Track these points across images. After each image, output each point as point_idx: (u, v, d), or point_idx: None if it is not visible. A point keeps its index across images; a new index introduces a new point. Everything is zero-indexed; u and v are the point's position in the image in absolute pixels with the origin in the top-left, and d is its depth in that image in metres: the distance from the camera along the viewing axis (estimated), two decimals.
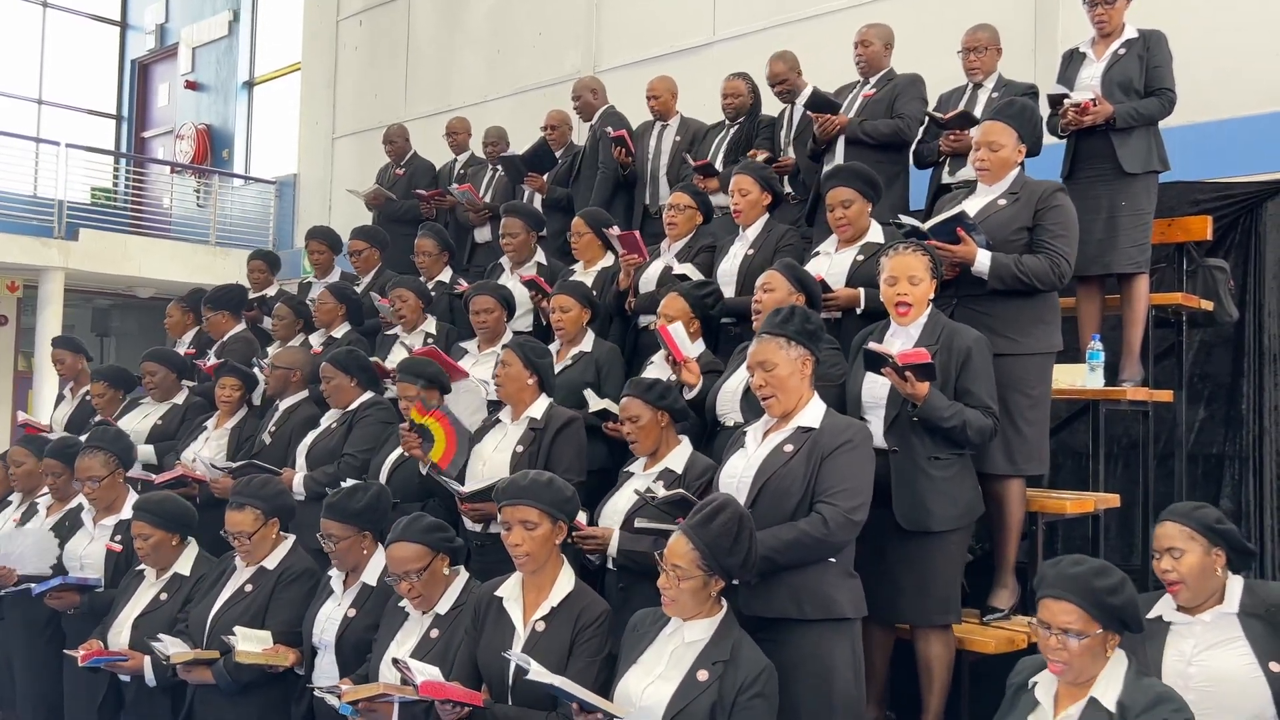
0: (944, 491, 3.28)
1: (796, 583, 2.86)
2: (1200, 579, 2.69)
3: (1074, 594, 2.40)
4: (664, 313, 4.12)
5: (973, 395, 3.27)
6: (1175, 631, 2.74)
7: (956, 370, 3.28)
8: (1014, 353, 3.61)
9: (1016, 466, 3.65)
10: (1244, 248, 5.18)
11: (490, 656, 2.89)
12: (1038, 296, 3.67)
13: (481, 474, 3.73)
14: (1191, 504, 2.83)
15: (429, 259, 5.85)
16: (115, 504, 4.31)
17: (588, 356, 4.42)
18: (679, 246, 4.84)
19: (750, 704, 2.57)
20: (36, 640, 4.30)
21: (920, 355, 3.14)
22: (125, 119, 15.51)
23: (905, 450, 3.27)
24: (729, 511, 2.66)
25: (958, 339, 3.32)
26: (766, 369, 3.00)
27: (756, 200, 4.53)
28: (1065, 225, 3.67)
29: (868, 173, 4.13)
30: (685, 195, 4.91)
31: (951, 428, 3.21)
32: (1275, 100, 5.43)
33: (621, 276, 4.88)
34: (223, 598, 3.59)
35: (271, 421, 4.79)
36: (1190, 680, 2.65)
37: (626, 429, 3.50)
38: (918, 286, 3.32)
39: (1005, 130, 3.75)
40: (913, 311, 3.34)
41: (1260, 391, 5.03)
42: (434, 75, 10.41)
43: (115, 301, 13.09)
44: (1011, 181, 3.78)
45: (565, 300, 4.48)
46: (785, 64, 5.49)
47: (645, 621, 2.80)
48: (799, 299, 3.63)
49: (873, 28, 5.18)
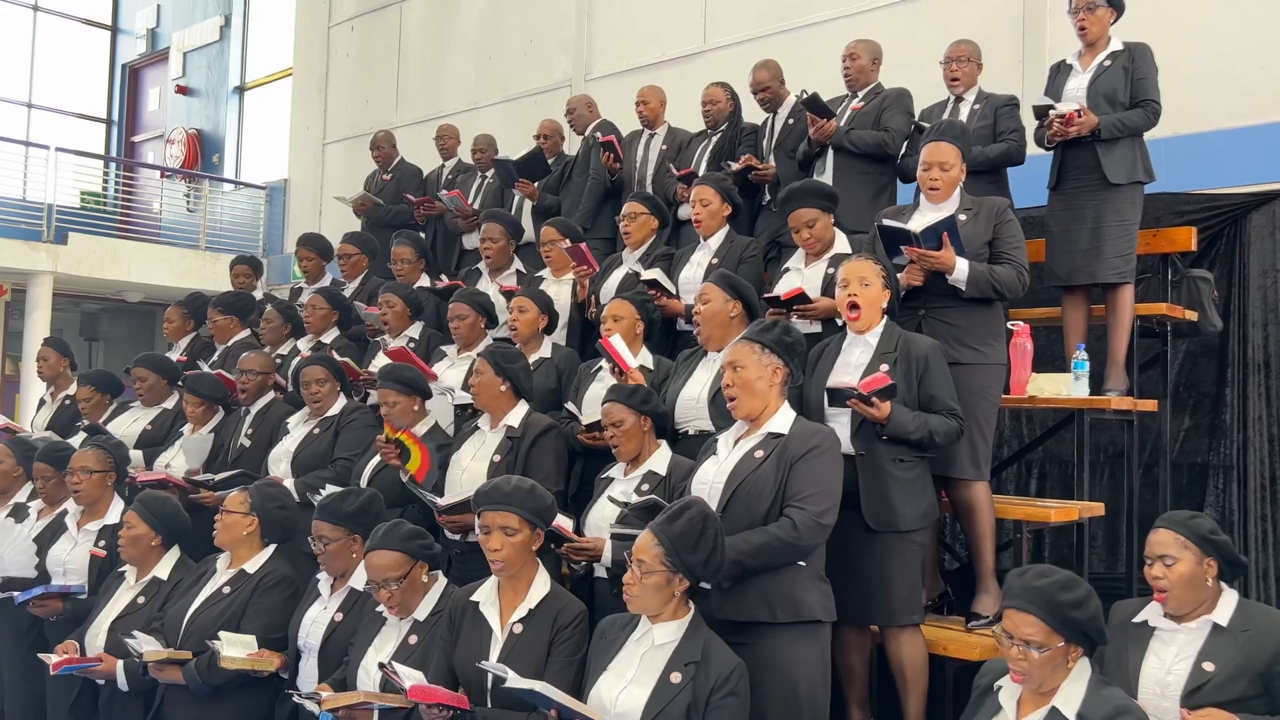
0: (908, 492, 3.37)
1: (767, 586, 2.90)
2: (1190, 588, 2.70)
3: (1037, 606, 2.42)
4: (612, 314, 4.20)
5: (936, 400, 3.37)
6: (1159, 638, 2.75)
7: (918, 377, 3.38)
8: (978, 362, 3.74)
9: (980, 470, 3.75)
10: (1228, 258, 5.22)
11: (467, 662, 2.88)
12: (993, 311, 3.81)
13: (460, 482, 3.74)
14: (1187, 513, 2.85)
15: (406, 266, 5.89)
16: (100, 508, 4.31)
17: (548, 362, 4.53)
18: (639, 254, 4.93)
19: (723, 703, 2.59)
20: (21, 646, 4.28)
21: (881, 380, 3.25)
22: (115, 123, 15.48)
23: (871, 454, 3.35)
24: (694, 510, 2.70)
25: (914, 347, 3.42)
26: (735, 369, 3.08)
27: (717, 210, 4.64)
28: (1019, 239, 3.82)
29: (821, 187, 4.27)
30: (636, 204, 5.01)
31: (919, 439, 3.31)
32: (1259, 112, 5.46)
33: (579, 288, 4.99)
34: (200, 598, 3.59)
35: (246, 424, 4.79)
36: (1167, 689, 2.66)
37: (609, 434, 3.53)
38: (868, 288, 3.44)
39: (952, 149, 3.86)
40: (863, 314, 3.44)
41: (1244, 401, 5.07)
42: (425, 81, 10.42)
43: (104, 306, 13.04)
44: (962, 198, 3.87)
45: (524, 302, 4.59)
46: (768, 73, 5.54)
47: (614, 627, 2.81)
48: (736, 305, 3.75)
49: (861, 43, 5.23)
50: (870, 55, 5.19)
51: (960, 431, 3.43)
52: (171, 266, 11.92)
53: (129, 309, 13.19)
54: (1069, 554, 4.64)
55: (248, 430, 4.76)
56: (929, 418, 3.33)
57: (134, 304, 12.93)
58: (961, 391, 3.54)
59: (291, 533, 3.71)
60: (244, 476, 4.33)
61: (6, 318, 12.85)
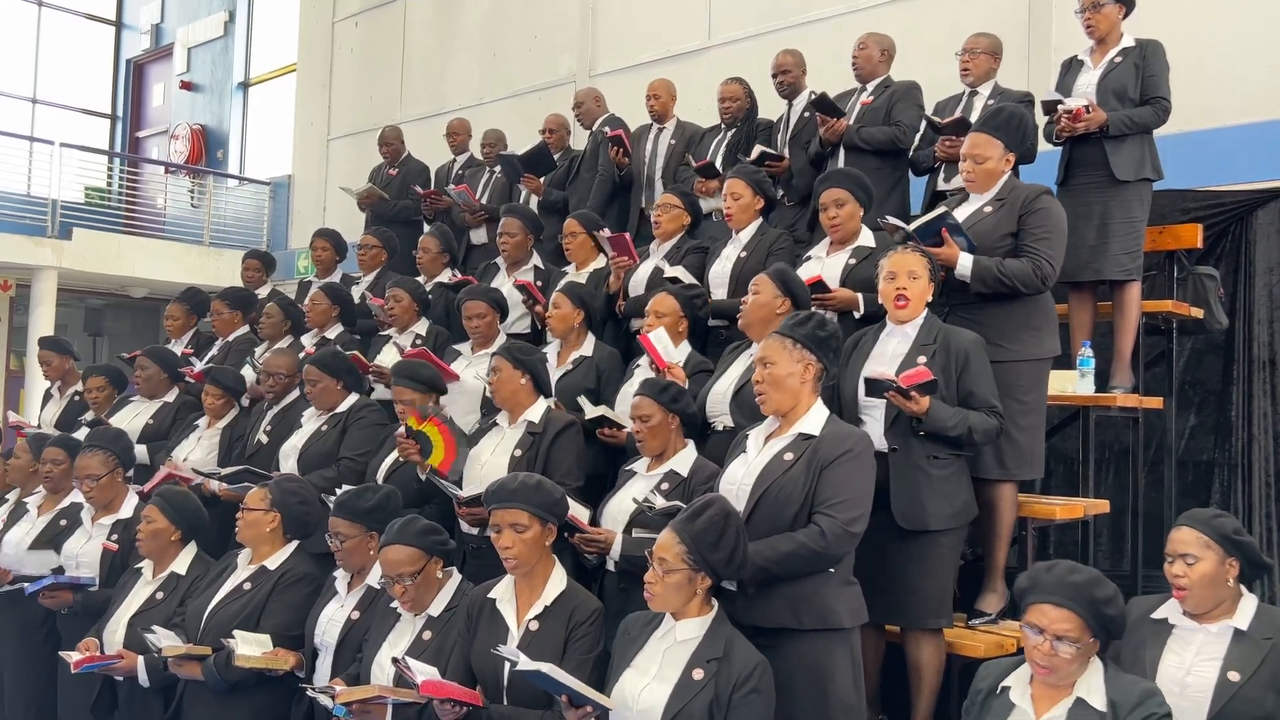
0: (941, 491, 3.29)
1: (794, 593, 2.84)
2: (1211, 588, 2.67)
3: (1075, 602, 2.39)
4: (654, 310, 4.13)
5: (976, 397, 3.30)
6: (1178, 637, 2.72)
7: (957, 372, 3.31)
8: (1004, 359, 3.62)
9: (1008, 471, 3.67)
10: (1234, 256, 5.23)
11: (484, 658, 2.89)
12: (1028, 302, 3.69)
13: (479, 477, 3.71)
14: (1211, 511, 2.81)
15: (428, 257, 5.86)
16: (114, 503, 4.31)
17: (588, 361, 4.41)
18: (668, 248, 4.85)
19: (746, 700, 2.57)
20: (30, 640, 4.30)
21: (923, 374, 3.16)
22: (120, 119, 15.47)
23: (905, 450, 3.29)
24: (715, 508, 2.67)
25: (954, 341, 3.35)
26: (765, 365, 3.01)
27: (749, 204, 4.54)
28: (1049, 228, 3.68)
29: (862, 178, 4.18)
30: (672, 196, 4.95)
31: (957, 435, 3.24)
32: (1266, 109, 5.46)
33: (611, 279, 4.90)
34: (221, 593, 3.59)
35: (265, 421, 4.78)
36: (1186, 689, 2.63)
37: (636, 428, 3.48)
38: (917, 281, 3.37)
39: (990, 141, 3.79)
40: (910, 306, 3.37)
41: (1250, 399, 5.08)
42: (429, 77, 10.42)
43: (108, 301, 13.05)
44: (999, 189, 3.81)
45: (558, 298, 4.49)
46: (792, 58, 5.53)
47: (637, 624, 2.80)
48: (785, 303, 3.66)
49: (872, 35, 5.22)
50: (880, 47, 5.17)
51: (1000, 430, 3.34)
52: (176, 262, 11.91)
53: (133, 304, 13.20)
54: (1074, 551, 4.65)
55: (266, 427, 4.75)
56: (969, 414, 3.25)
57: (138, 299, 12.93)
58: None
59: (313, 528, 3.70)
60: (248, 474, 4.33)
61: (11, 313, 12.87)
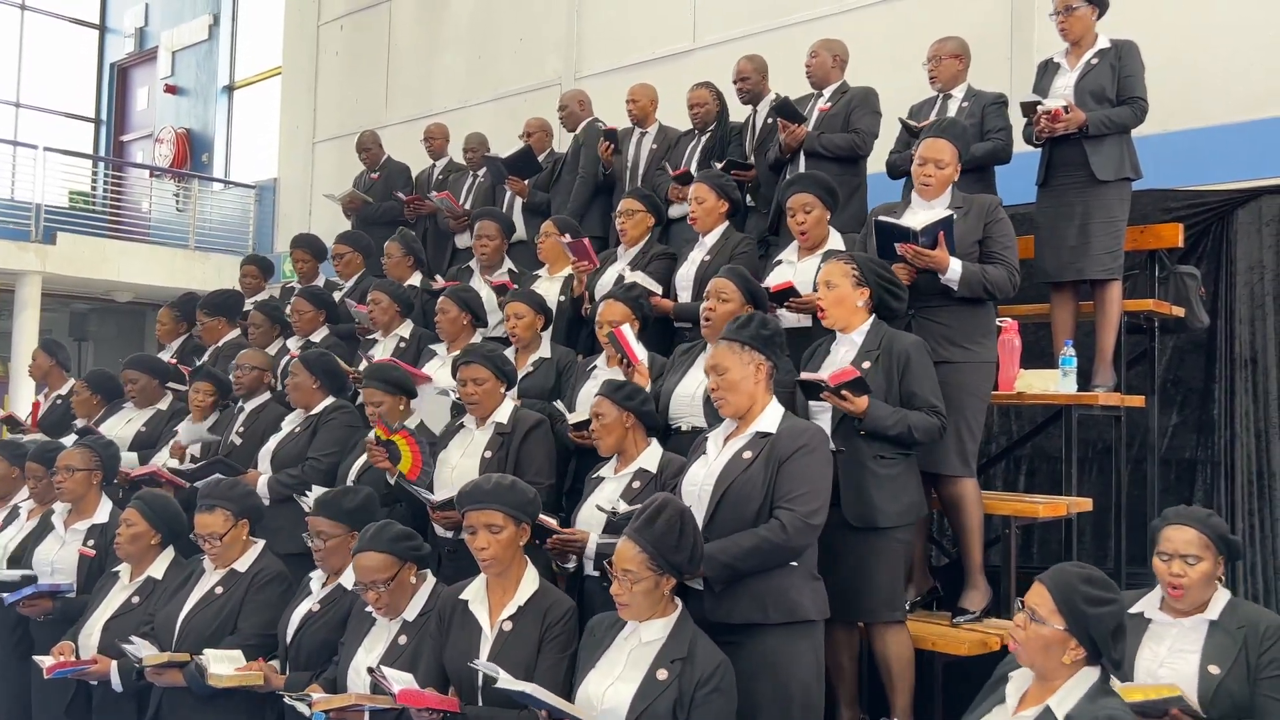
0: (889, 489, 3.36)
1: (760, 588, 2.89)
2: (1204, 588, 2.73)
3: (1054, 583, 2.35)
4: (604, 320, 4.16)
5: (918, 397, 3.38)
6: (1153, 632, 2.77)
7: (899, 374, 3.39)
8: (968, 360, 3.76)
9: (969, 467, 3.77)
10: (1215, 255, 5.25)
11: (458, 660, 2.88)
12: (983, 309, 3.84)
13: (450, 480, 3.71)
14: (1205, 511, 2.86)
15: (392, 262, 5.89)
16: (86, 507, 4.29)
17: (548, 362, 4.50)
18: (634, 253, 4.90)
19: (708, 699, 2.60)
20: (3, 645, 4.27)
21: (849, 373, 3.26)
22: (104, 122, 15.42)
23: (852, 450, 3.36)
24: (670, 510, 2.70)
25: (896, 344, 3.44)
26: (719, 372, 3.07)
27: (713, 208, 4.59)
28: (1010, 238, 3.84)
29: (828, 181, 4.25)
30: (632, 200, 4.98)
31: (897, 434, 3.31)
32: (1246, 109, 5.49)
33: (575, 283, 4.96)
34: (193, 600, 3.57)
35: (239, 422, 4.77)
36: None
37: (594, 426, 3.52)
38: (833, 290, 3.50)
39: (948, 147, 3.87)
40: (829, 314, 3.50)
41: (1231, 397, 5.09)
42: (415, 80, 10.40)
43: (93, 306, 12.99)
44: (951, 195, 3.88)
45: (519, 307, 4.54)
46: (751, 65, 5.55)
47: (602, 625, 2.83)
48: (749, 310, 3.69)
49: (823, 42, 5.25)
50: (832, 54, 5.20)
51: (942, 428, 3.43)
52: (161, 266, 11.87)
53: (118, 309, 13.14)
54: (1057, 550, 4.66)
55: (239, 428, 4.74)
56: (909, 414, 3.33)
57: (123, 304, 12.88)
58: (951, 389, 3.57)
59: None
60: (220, 465, 4.31)
61: None
